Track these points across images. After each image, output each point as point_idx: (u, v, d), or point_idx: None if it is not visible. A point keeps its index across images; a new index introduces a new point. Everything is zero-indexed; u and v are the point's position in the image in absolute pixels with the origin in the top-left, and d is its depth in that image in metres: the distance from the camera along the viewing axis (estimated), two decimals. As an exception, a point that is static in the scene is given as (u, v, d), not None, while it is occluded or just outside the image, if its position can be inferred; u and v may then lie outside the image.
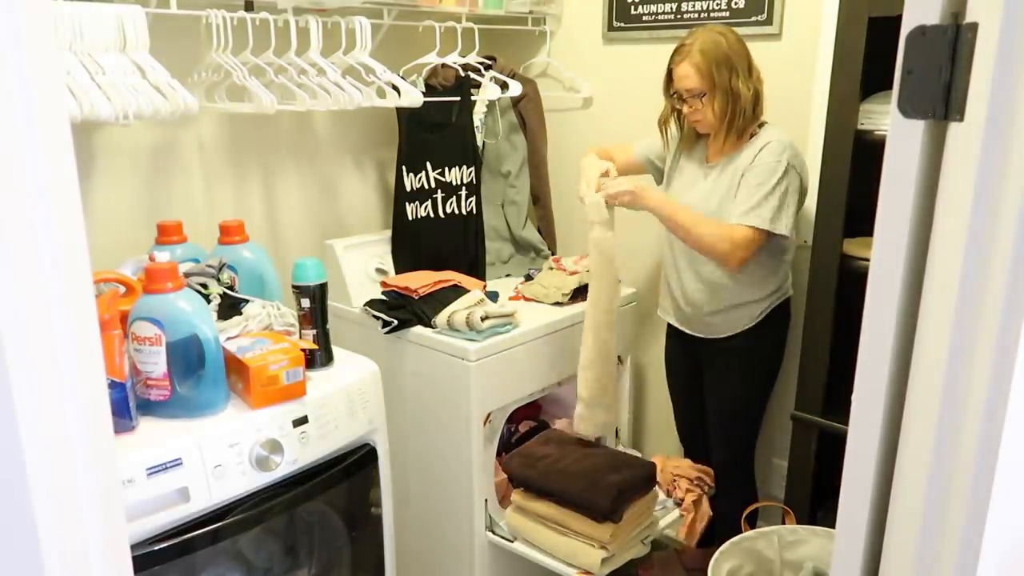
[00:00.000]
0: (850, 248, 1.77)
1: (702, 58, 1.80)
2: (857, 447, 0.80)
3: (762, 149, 1.84)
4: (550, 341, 2.06)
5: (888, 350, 0.75)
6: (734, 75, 1.81)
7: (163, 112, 1.55)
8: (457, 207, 2.28)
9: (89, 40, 1.49)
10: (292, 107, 1.85)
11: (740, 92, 1.81)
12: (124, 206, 1.86)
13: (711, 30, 1.83)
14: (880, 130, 1.68)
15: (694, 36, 1.83)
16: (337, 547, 1.67)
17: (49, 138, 0.64)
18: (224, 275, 1.65)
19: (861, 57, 1.65)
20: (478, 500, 1.97)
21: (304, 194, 2.25)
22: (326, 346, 1.62)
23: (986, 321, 0.65)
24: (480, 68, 2.27)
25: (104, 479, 0.74)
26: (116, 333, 1.27)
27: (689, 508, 2.01)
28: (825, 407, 1.87)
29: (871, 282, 0.77)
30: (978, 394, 0.66)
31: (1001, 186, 0.63)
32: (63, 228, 0.67)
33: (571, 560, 1.80)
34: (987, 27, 0.63)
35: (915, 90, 0.70)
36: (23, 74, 0.62)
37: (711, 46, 1.80)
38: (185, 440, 1.32)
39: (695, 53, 1.81)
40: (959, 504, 0.69)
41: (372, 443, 1.64)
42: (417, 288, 2.03)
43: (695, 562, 2.20)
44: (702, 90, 1.83)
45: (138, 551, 1.23)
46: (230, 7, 1.81)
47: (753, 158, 1.84)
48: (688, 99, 1.87)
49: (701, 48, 1.80)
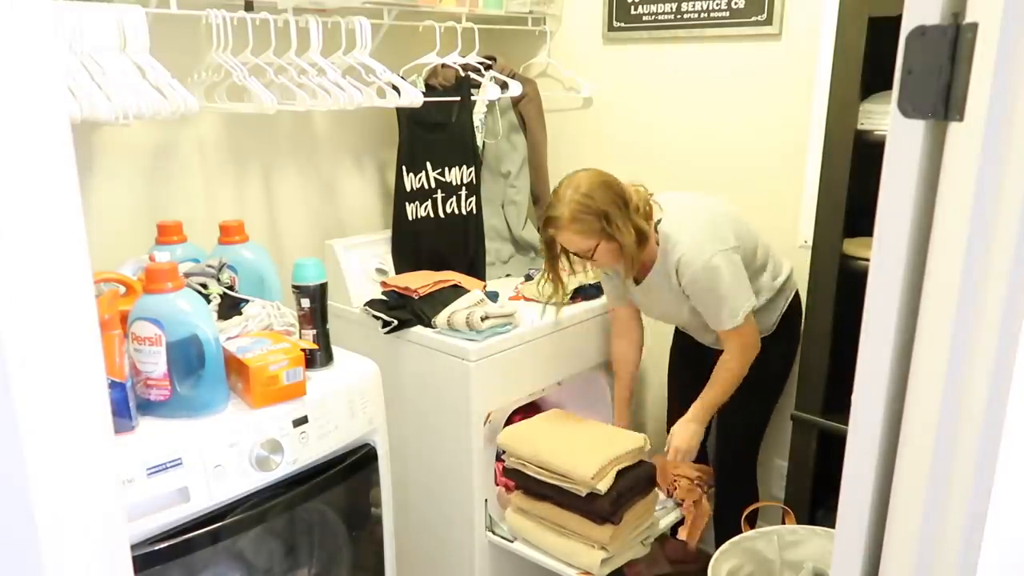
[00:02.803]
0: (850, 248, 1.77)
1: (576, 223, 1.77)
2: (857, 447, 0.80)
3: (679, 267, 1.83)
4: (550, 341, 2.06)
5: (888, 350, 0.75)
6: (614, 228, 1.78)
7: (163, 112, 1.55)
8: (457, 207, 2.28)
9: (89, 40, 1.49)
10: (292, 107, 1.85)
11: (623, 239, 1.78)
12: (124, 206, 1.86)
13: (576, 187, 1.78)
14: (880, 130, 1.68)
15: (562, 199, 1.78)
16: (337, 547, 1.67)
17: (49, 138, 0.64)
18: (224, 275, 1.65)
19: (861, 57, 1.65)
20: (478, 500, 1.97)
21: (304, 194, 2.25)
22: (326, 346, 1.62)
23: (986, 321, 0.65)
24: (480, 68, 2.27)
25: (104, 479, 0.74)
26: (116, 333, 1.27)
27: (689, 508, 2.01)
28: (825, 407, 1.87)
29: (871, 282, 0.77)
30: (978, 394, 0.66)
31: (1001, 186, 0.63)
32: (63, 228, 0.67)
33: (571, 560, 1.80)
34: (987, 27, 0.63)
35: (915, 90, 0.69)
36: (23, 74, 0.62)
37: (580, 210, 1.77)
38: (185, 440, 1.32)
39: (567, 221, 1.77)
40: (959, 504, 0.69)
41: (372, 443, 1.64)
42: (417, 288, 2.03)
43: (679, 554, 2.20)
44: (589, 249, 1.82)
45: (138, 551, 1.23)
46: (230, 7, 1.81)
47: (677, 276, 1.84)
48: (580, 257, 1.88)
49: (572, 214, 1.77)
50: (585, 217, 1.76)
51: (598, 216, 1.76)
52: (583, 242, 1.81)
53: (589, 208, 1.76)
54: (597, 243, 1.80)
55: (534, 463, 1.81)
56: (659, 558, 2.18)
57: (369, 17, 1.96)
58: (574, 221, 1.77)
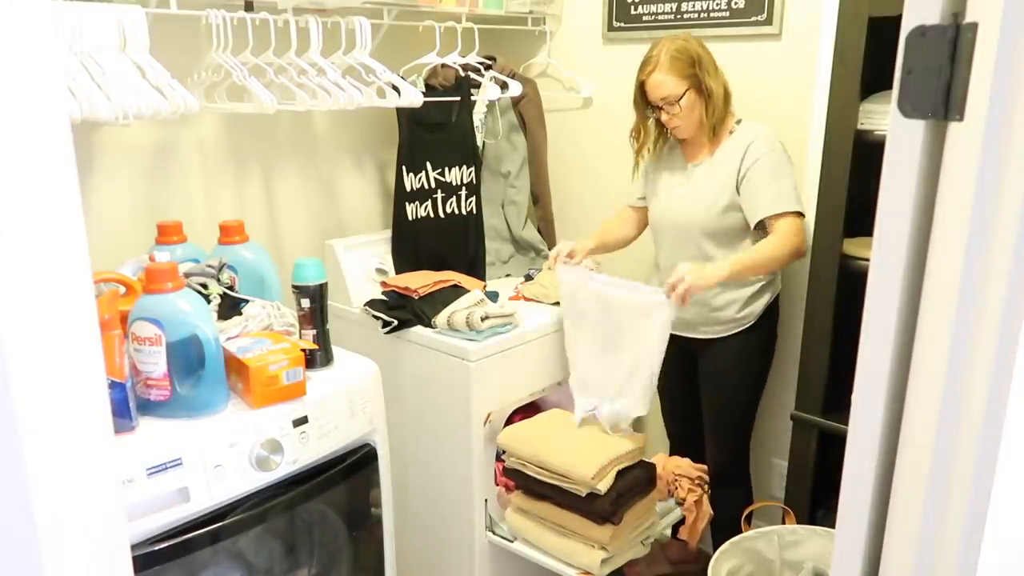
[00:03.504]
0: (850, 248, 1.77)
1: (672, 64, 1.86)
2: (857, 447, 0.80)
3: (750, 145, 1.89)
4: (550, 341, 2.06)
5: (888, 350, 0.75)
6: (705, 74, 1.87)
7: (163, 112, 1.55)
8: (457, 207, 2.28)
9: (89, 40, 1.49)
10: (292, 107, 1.85)
11: (712, 89, 1.87)
12: (124, 206, 1.86)
13: (673, 38, 1.89)
14: (880, 130, 1.68)
15: (659, 46, 1.88)
16: (337, 547, 1.67)
17: (49, 138, 0.64)
18: (224, 275, 1.65)
19: (861, 57, 1.65)
20: (478, 500, 1.97)
21: (304, 194, 2.25)
22: (326, 346, 1.62)
23: (986, 321, 0.65)
24: (480, 68, 2.27)
25: (104, 479, 0.74)
26: (116, 333, 1.27)
27: (691, 508, 2.01)
28: (825, 407, 1.87)
29: (871, 282, 0.77)
30: (978, 394, 0.66)
31: (1001, 186, 0.63)
32: (63, 228, 0.67)
33: (571, 560, 1.80)
34: (987, 27, 0.63)
35: (915, 90, 0.70)
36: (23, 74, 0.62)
37: (677, 51, 1.86)
38: (185, 440, 1.32)
39: (664, 61, 1.86)
40: (959, 504, 0.69)
41: (372, 443, 1.64)
42: (417, 288, 2.03)
43: (679, 554, 2.20)
44: (678, 95, 1.87)
45: (138, 551, 1.23)
46: (230, 7, 1.81)
47: (743, 155, 1.89)
48: (665, 107, 1.90)
49: (669, 55, 1.85)
50: (681, 58, 1.85)
51: (693, 61, 1.85)
52: (675, 85, 1.86)
53: (686, 51, 1.86)
54: (687, 88, 1.86)
55: (534, 463, 1.81)
56: (659, 558, 2.18)
57: (369, 17, 1.96)
58: (672, 59, 1.85)
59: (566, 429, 1.93)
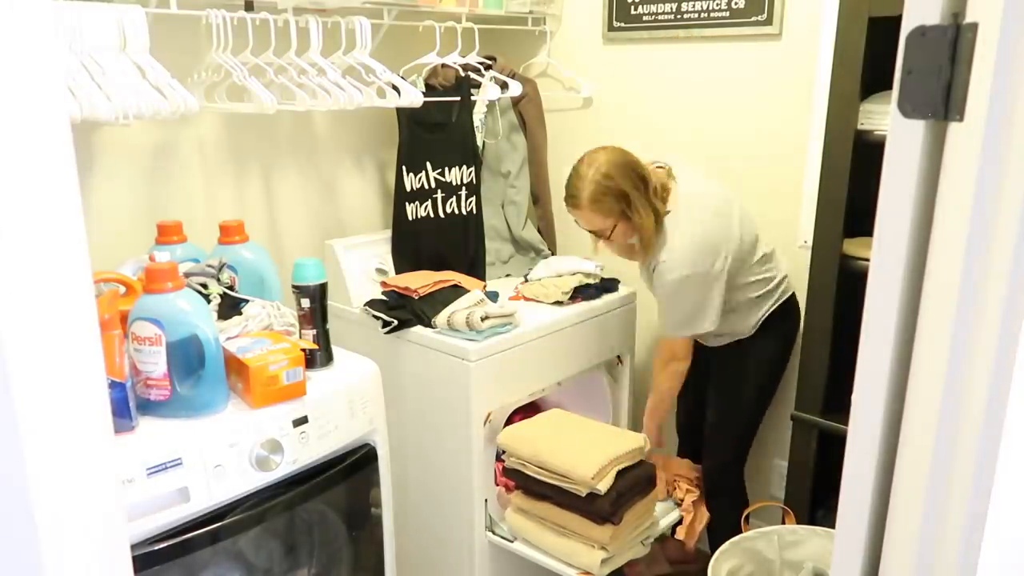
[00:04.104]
0: (850, 248, 1.77)
1: (593, 207, 1.80)
2: (857, 447, 0.80)
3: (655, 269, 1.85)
4: (550, 341, 2.06)
5: (888, 350, 0.75)
6: (632, 209, 1.80)
7: (163, 112, 1.55)
8: (457, 207, 2.28)
9: (89, 40, 1.49)
10: (292, 107, 1.85)
11: (642, 222, 1.81)
12: (124, 206, 1.86)
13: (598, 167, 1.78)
14: (880, 130, 1.68)
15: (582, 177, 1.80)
16: (337, 547, 1.67)
17: (49, 138, 0.64)
18: (224, 275, 1.65)
19: (861, 57, 1.65)
20: (478, 500, 1.97)
21: (304, 194, 2.25)
22: (326, 346, 1.62)
23: (986, 321, 0.65)
24: (480, 68, 2.27)
25: (104, 479, 0.74)
26: (116, 333, 1.27)
27: (689, 509, 2.01)
28: (825, 407, 1.87)
29: (871, 282, 0.77)
30: (978, 394, 0.66)
31: (1001, 186, 0.63)
32: (63, 228, 0.67)
33: (571, 560, 1.80)
34: (987, 27, 0.63)
35: (915, 90, 0.70)
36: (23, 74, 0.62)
37: (601, 192, 1.78)
38: (185, 440, 1.32)
39: (587, 201, 1.80)
40: (959, 504, 0.69)
41: (372, 443, 1.64)
42: (417, 288, 2.03)
43: (678, 554, 2.20)
44: (606, 230, 1.85)
45: (138, 551, 1.23)
46: (230, 7, 1.81)
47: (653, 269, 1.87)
48: (597, 235, 1.90)
49: (590, 196, 1.79)
50: (604, 198, 1.78)
51: (618, 197, 1.78)
52: (601, 222, 1.83)
53: (608, 189, 1.78)
54: (615, 224, 1.82)
55: (534, 463, 1.81)
56: (659, 558, 2.18)
57: (369, 17, 1.96)
58: (593, 201, 1.79)
59: (566, 429, 1.93)
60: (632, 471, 1.81)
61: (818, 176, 1.80)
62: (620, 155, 1.82)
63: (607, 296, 2.24)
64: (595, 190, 1.78)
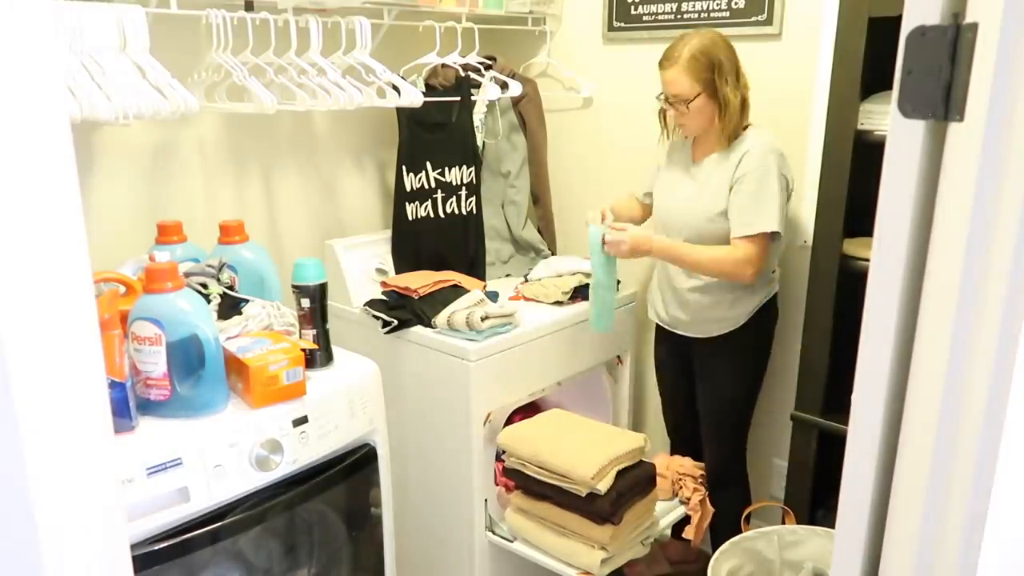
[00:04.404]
0: (850, 248, 1.77)
1: (689, 64, 1.81)
2: (857, 447, 0.80)
3: (744, 155, 1.86)
4: (550, 341, 2.06)
5: (888, 350, 0.75)
6: (723, 82, 1.82)
7: (163, 112, 1.55)
8: (457, 207, 2.28)
9: (89, 40, 1.49)
10: (292, 107, 1.85)
11: (728, 99, 1.83)
12: (124, 206, 1.86)
13: (703, 35, 1.84)
14: (880, 130, 1.68)
15: (685, 41, 1.84)
16: (337, 547, 1.67)
17: (49, 138, 0.64)
18: (224, 275, 1.65)
19: (861, 57, 1.65)
20: (478, 500, 1.97)
21: (304, 194, 2.25)
22: (326, 346, 1.62)
23: (986, 321, 0.65)
24: (480, 68, 2.27)
25: (104, 479, 0.74)
26: (116, 333, 1.27)
27: (696, 508, 2.01)
28: (825, 407, 1.87)
29: (871, 282, 0.77)
30: (978, 394, 0.66)
31: (1001, 186, 0.63)
32: (63, 228, 0.67)
33: (571, 560, 1.80)
34: (987, 27, 0.63)
35: (915, 90, 0.70)
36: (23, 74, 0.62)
37: (699, 52, 1.81)
38: (185, 440, 1.32)
39: (684, 59, 1.82)
40: (959, 504, 0.69)
41: (372, 443, 1.64)
42: (417, 288, 2.03)
43: (679, 554, 2.20)
44: (688, 97, 1.85)
45: (138, 551, 1.23)
46: (230, 7, 1.81)
47: (737, 165, 1.86)
48: (675, 104, 1.88)
49: (690, 53, 1.81)
50: (700, 60, 1.81)
51: (712, 65, 1.81)
52: (687, 86, 1.83)
53: (708, 54, 1.81)
54: (699, 93, 1.83)
55: (534, 463, 1.81)
56: (659, 558, 2.19)
57: (369, 17, 1.96)
58: (691, 59, 1.81)
59: (566, 429, 1.93)
60: (632, 471, 1.81)
61: (818, 176, 1.80)
62: (724, 38, 1.86)
63: (607, 296, 2.23)
64: (698, 49, 1.80)
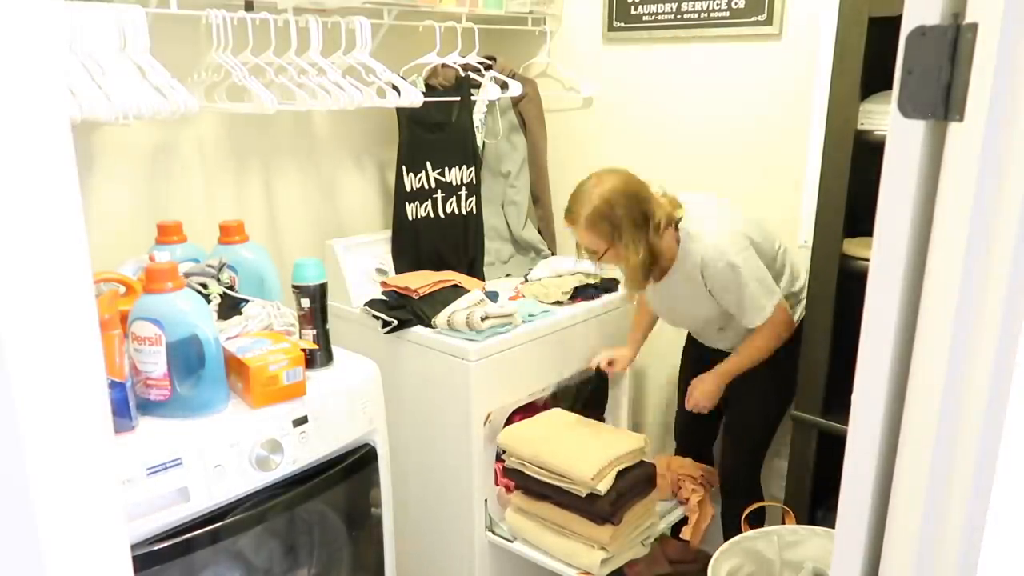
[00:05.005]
0: (850, 248, 1.77)
1: (588, 225, 1.78)
2: (857, 447, 0.80)
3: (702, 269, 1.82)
4: (550, 341, 2.06)
5: (888, 350, 0.75)
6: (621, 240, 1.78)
7: (163, 112, 1.55)
8: (457, 207, 2.28)
9: (89, 40, 1.49)
10: (292, 107, 1.85)
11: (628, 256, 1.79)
12: (124, 206, 1.86)
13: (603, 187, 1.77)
14: (880, 130, 1.67)
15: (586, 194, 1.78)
16: (337, 547, 1.67)
17: (49, 138, 0.64)
18: (224, 275, 1.65)
19: (861, 57, 1.65)
20: (478, 500, 1.97)
21: (304, 194, 2.25)
22: (326, 346, 1.62)
23: (986, 321, 0.65)
24: (480, 68, 2.27)
25: (104, 479, 0.74)
26: (116, 333, 1.27)
27: (695, 509, 2.01)
28: (825, 407, 1.87)
29: (871, 282, 0.77)
30: (978, 394, 0.66)
31: (1001, 186, 0.63)
32: (63, 228, 0.67)
33: (571, 560, 1.80)
34: (987, 27, 0.63)
35: (915, 90, 0.69)
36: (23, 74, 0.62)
37: (597, 216, 1.76)
38: (185, 440, 1.32)
39: (583, 220, 1.78)
40: (959, 504, 0.69)
41: (372, 443, 1.64)
42: (417, 288, 2.03)
43: (679, 554, 2.20)
44: (599, 252, 1.84)
45: (138, 551, 1.23)
46: (230, 7, 1.81)
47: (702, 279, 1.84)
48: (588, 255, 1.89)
49: (587, 216, 1.77)
50: (600, 223, 1.77)
51: (612, 227, 1.77)
52: (594, 243, 1.82)
53: (604, 216, 1.76)
54: (607, 248, 1.82)
55: (534, 463, 1.81)
56: (659, 558, 2.18)
57: (369, 17, 1.96)
58: (589, 223, 1.78)
59: (566, 429, 1.93)
60: (632, 471, 1.81)
61: (818, 176, 1.80)
62: (627, 183, 1.79)
63: (607, 296, 2.24)
64: (593, 213, 1.76)
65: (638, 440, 1.85)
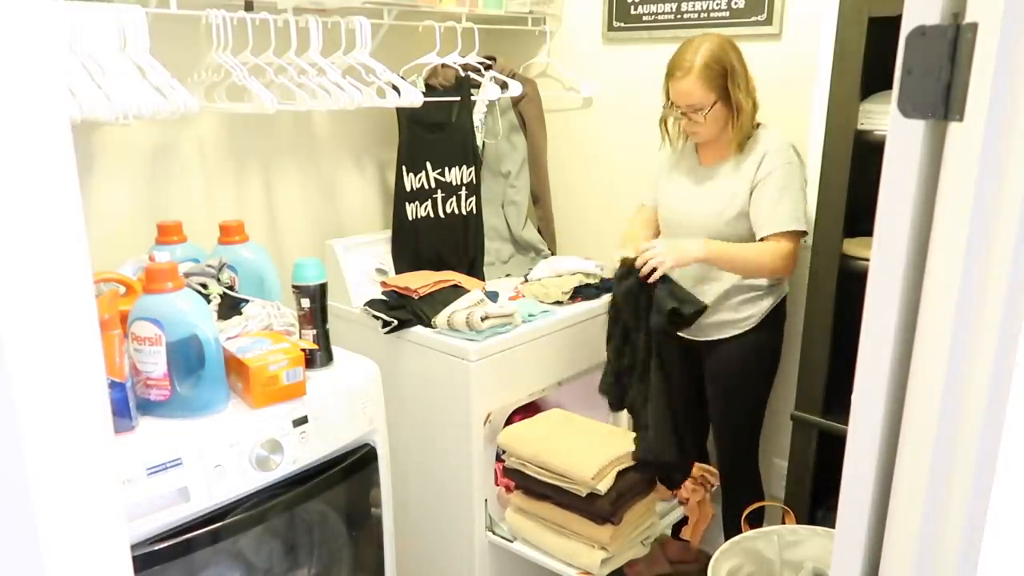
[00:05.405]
0: (850, 248, 1.77)
1: (703, 72, 1.80)
2: (857, 447, 0.80)
3: (764, 156, 1.86)
4: (550, 341, 2.06)
5: (888, 350, 0.75)
6: (736, 88, 1.82)
7: (163, 112, 1.55)
8: (457, 207, 2.28)
9: (89, 40, 1.49)
10: (292, 107, 1.85)
11: (742, 105, 1.83)
12: (124, 206, 1.86)
13: (711, 40, 1.82)
14: (880, 130, 1.67)
15: (694, 48, 1.82)
16: (337, 547, 1.67)
17: (49, 138, 0.64)
18: (224, 275, 1.65)
19: (861, 57, 1.65)
20: (478, 500, 1.97)
21: (304, 194, 2.25)
22: (326, 346, 1.62)
23: (986, 321, 0.65)
24: (480, 68, 2.27)
25: (104, 479, 0.74)
26: (116, 333, 1.27)
27: (694, 508, 2.01)
28: (825, 407, 1.87)
29: (871, 282, 0.77)
30: (978, 394, 0.66)
31: (1001, 186, 0.63)
32: (63, 228, 0.67)
33: (571, 560, 1.80)
34: (987, 27, 0.63)
35: (915, 90, 0.69)
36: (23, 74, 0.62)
37: (713, 60, 1.80)
38: (185, 440, 1.32)
39: (697, 68, 1.80)
40: (959, 504, 0.69)
41: (372, 443, 1.64)
42: (417, 288, 2.03)
43: (679, 554, 2.20)
44: (704, 106, 1.84)
45: (138, 551, 1.23)
46: (230, 7, 1.81)
47: (757, 167, 1.86)
48: (689, 113, 1.87)
49: (703, 62, 1.80)
50: (714, 67, 1.80)
51: (725, 72, 1.80)
52: (702, 96, 1.82)
53: (721, 60, 1.80)
54: (715, 101, 1.83)
55: (534, 463, 1.81)
56: (659, 558, 2.18)
57: (369, 17, 1.96)
58: (705, 68, 1.79)
59: (566, 429, 1.93)
60: (632, 471, 1.81)
61: (818, 176, 1.80)
62: (730, 41, 1.85)
63: (607, 296, 2.23)
64: (710, 56, 1.79)
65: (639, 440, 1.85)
